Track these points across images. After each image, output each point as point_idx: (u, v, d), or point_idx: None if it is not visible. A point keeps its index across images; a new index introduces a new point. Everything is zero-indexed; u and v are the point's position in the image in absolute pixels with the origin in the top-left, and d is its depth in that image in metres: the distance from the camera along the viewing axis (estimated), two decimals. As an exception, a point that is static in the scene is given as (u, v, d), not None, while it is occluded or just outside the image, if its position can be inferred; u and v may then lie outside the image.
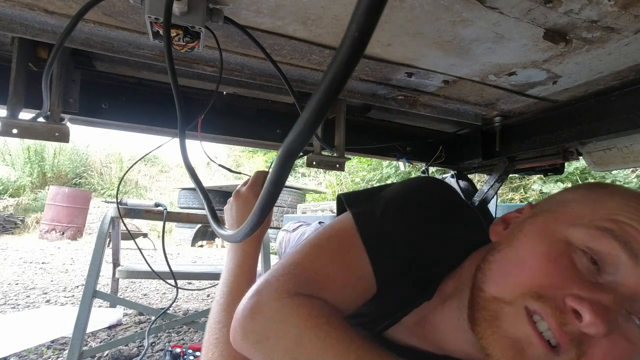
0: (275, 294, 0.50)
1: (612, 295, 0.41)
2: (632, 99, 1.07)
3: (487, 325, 0.47)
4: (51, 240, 7.35)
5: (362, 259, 0.55)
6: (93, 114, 1.17)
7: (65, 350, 1.85)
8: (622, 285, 0.41)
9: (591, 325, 0.39)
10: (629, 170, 5.11)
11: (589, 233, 0.44)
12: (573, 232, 0.45)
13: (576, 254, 0.44)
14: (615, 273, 0.42)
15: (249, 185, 0.85)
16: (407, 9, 0.74)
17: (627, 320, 0.42)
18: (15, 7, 0.79)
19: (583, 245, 0.44)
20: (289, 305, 0.48)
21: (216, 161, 1.15)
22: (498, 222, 0.57)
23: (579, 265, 0.44)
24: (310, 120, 0.23)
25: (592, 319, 0.39)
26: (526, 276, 0.45)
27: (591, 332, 0.40)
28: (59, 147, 11.15)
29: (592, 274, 0.43)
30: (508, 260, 0.49)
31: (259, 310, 0.49)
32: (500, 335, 0.45)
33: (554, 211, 0.50)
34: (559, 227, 0.47)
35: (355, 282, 0.55)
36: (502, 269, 0.49)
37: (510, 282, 0.46)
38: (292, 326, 0.47)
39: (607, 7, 0.70)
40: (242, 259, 0.76)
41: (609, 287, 0.42)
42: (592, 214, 0.46)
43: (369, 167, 8.49)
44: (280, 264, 0.56)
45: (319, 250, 0.57)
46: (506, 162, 1.52)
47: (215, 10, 0.75)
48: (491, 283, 0.48)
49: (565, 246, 0.45)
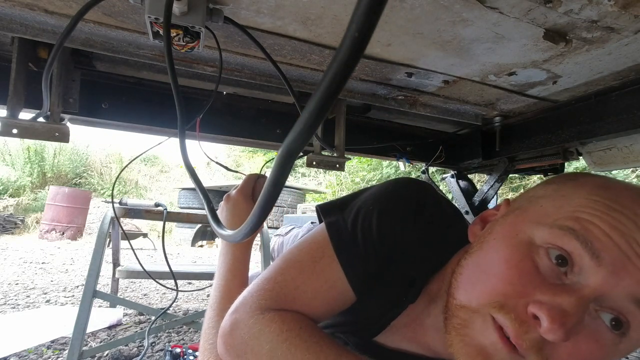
0: (250, 311, 0.54)
1: (574, 297, 0.40)
2: (632, 99, 1.07)
3: (456, 333, 0.47)
4: (51, 240, 7.35)
5: (333, 268, 0.56)
6: (93, 114, 1.17)
7: (65, 350, 1.85)
8: (586, 286, 0.40)
9: (549, 331, 0.39)
10: (629, 170, 5.11)
11: (552, 233, 0.43)
12: (537, 232, 0.44)
13: (539, 256, 0.44)
14: (579, 274, 0.41)
15: (238, 188, 0.86)
16: (407, 9, 0.74)
17: (594, 318, 0.41)
18: (15, 7, 0.79)
19: (547, 245, 0.43)
20: (261, 322, 0.52)
21: (215, 161, 1.15)
22: (477, 221, 0.56)
23: (542, 267, 0.43)
24: (310, 120, 0.23)
25: (549, 324, 0.39)
26: (490, 285, 0.45)
27: (549, 338, 0.39)
28: (59, 147, 11.15)
29: (557, 274, 0.42)
30: (476, 267, 0.48)
31: (236, 327, 0.53)
32: (467, 343, 0.45)
33: (524, 209, 0.50)
34: (524, 227, 0.46)
35: (327, 291, 0.56)
36: (470, 276, 0.48)
37: (477, 291, 0.46)
38: (265, 342, 0.50)
39: (607, 7, 0.70)
40: (233, 263, 0.77)
41: (573, 288, 0.41)
42: (557, 211, 0.45)
43: (369, 167, 8.48)
44: (257, 279, 0.59)
45: (291, 262, 0.58)
46: (506, 162, 1.52)
47: (215, 10, 0.75)
48: (461, 290, 0.49)
49: (529, 248, 0.44)
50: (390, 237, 0.57)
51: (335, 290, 0.56)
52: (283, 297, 0.55)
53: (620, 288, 0.39)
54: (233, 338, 0.53)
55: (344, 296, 0.57)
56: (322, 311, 0.57)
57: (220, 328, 0.56)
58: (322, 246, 0.58)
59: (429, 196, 0.62)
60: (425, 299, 0.58)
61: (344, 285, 0.56)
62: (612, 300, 0.40)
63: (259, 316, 0.52)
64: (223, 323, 0.56)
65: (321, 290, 0.56)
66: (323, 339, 0.51)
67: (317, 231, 0.61)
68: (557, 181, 0.50)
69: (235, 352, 0.53)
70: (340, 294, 0.56)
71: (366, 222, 0.57)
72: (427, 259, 0.58)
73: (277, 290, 0.56)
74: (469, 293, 0.47)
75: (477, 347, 0.44)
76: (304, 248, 0.60)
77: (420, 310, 0.58)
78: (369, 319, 0.60)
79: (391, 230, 0.57)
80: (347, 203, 0.62)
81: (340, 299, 0.57)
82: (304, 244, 0.60)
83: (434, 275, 0.59)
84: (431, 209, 0.60)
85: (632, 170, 5.07)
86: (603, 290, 0.40)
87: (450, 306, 0.49)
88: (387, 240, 0.57)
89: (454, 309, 0.48)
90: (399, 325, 0.59)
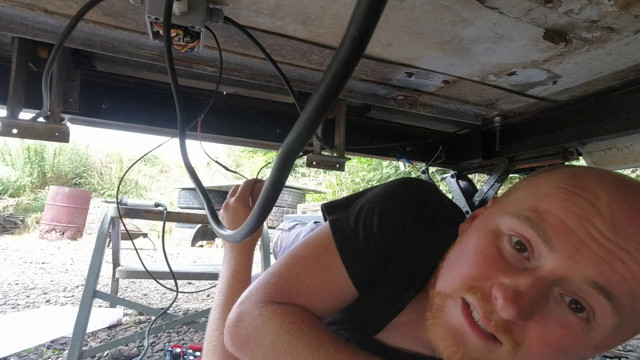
0: (254, 304, 0.56)
1: (530, 278, 0.42)
2: (632, 99, 1.07)
3: (432, 317, 0.49)
4: (51, 240, 7.35)
5: (336, 264, 0.57)
6: (93, 114, 1.17)
7: (65, 350, 1.85)
8: (543, 269, 0.42)
9: (502, 309, 0.41)
10: (629, 170, 5.11)
11: (513, 222, 0.45)
12: (503, 221, 0.47)
13: (502, 242, 0.46)
14: (539, 259, 0.43)
15: (236, 196, 0.86)
16: (407, 9, 0.74)
17: (559, 303, 0.42)
18: (15, 7, 0.79)
19: (510, 233, 0.45)
20: (265, 314, 0.54)
21: (215, 160, 1.15)
22: (468, 219, 0.57)
23: (506, 253, 0.45)
24: (310, 120, 0.23)
25: (503, 302, 0.41)
26: (461, 269, 0.48)
27: (503, 315, 0.41)
28: (59, 147, 11.15)
29: (520, 260, 0.44)
30: (453, 257, 0.51)
31: (241, 318, 0.56)
32: (440, 326, 0.48)
33: (500, 202, 0.52)
34: (494, 218, 0.49)
35: (329, 286, 0.57)
36: (448, 265, 0.51)
37: (450, 277, 0.49)
38: (268, 333, 0.52)
39: (607, 7, 0.70)
40: (236, 267, 0.79)
41: (532, 271, 0.43)
42: (523, 202, 0.47)
43: (369, 167, 8.49)
44: (263, 274, 0.61)
45: (295, 259, 0.60)
46: (506, 162, 1.52)
47: (215, 10, 0.75)
48: (440, 279, 0.51)
49: (495, 235, 0.47)
50: (392, 234, 0.58)
51: (337, 286, 0.57)
52: (287, 291, 0.57)
53: (577, 271, 0.40)
54: (238, 329, 0.55)
55: (346, 292, 0.58)
56: (325, 306, 0.58)
57: (227, 320, 0.58)
58: (325, 243, 0.59)
59: (431, 195, 0.63)
60: (425, 296, 0.58)
61: (346, 281, 0.57)
62: (572, 283, 0.41)
63: (262, 308, 0.54)
64: (229, 315, 0.58)
65: (324, 285, 0.57)
66: (324, 332, 0.52)
67: (322, 229, 0.62)
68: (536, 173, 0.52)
69: (240, 343, 0.55)
70: (342, 290, 0.58)
71: (368, 220, 0.58)
72: (428, 256, 0.59)
73: (281, 284, 0.57)
74: (444, 280, 0.50)
75: (450, 329, 0.47)
76: (309, 245, 0.61)
77: (421, 309, 0.58)
78: (370, 316, 0.61)
79: (392, 228, 0.58)
80: (351, 201, 0.63)
81: (342, 295, 0.58)
82: (309, 241, 0.62)
83: (433, 274, 0.59)
84: (433, 208, 0.61)
85: (632, 170, 5.07)
86: (559, 274, 0.41)
87: (430, 296, 0.52)
88: (389, 237, 0.58)
89: (432, 297, 0.51)
90: (400, 324, 0.60)
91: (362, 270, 0.57)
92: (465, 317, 0.45)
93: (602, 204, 0.41)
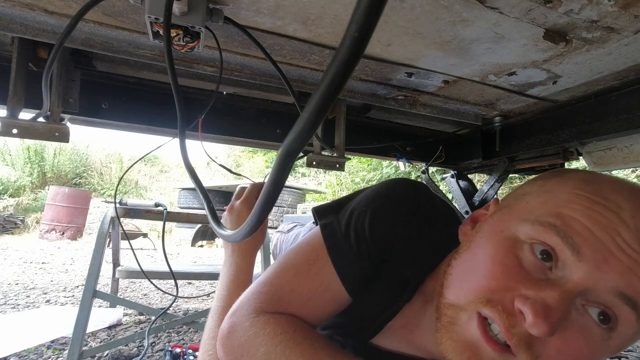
0: (246, 314, 0.54)
1: (557, 291, 0.40)
2: (632, 99, 1.07)
3: (445, 331, 0.47)
4: (51, 240, 7.35)
5: (327, 270, 0.56)
6: (93, 114, 1.17)
7: (65, 350, 1.85)
8: (570, 281, 0.40)
9: (533, 325, 0.39)
10: (629, 170, 5.11)
11: (535, 229, 0.43)
12: (521, 228, 0.45)
13: (522, 251, 0.44)
14: (563, 269, 0.41)
15: (242, 199, 0.84)
16: (407, 9, 0.74)
17: (581, 313, 0.41)
18: (15, 7, 0.79)
19: (531, 241, 0.43)
20: (257, 325, 0.53)
21: (216, 161, 1.15)
22: (467, 221, 0.56)
23: (526, 263, 0.43)
24: (310, 120, 0.23)
25: (534, 319, 0.39)
26: (477, 282, 0.45)
27: (534, 332, 0.39)
28: (59, 147, 11.15)
29: (541, 269, 0.43)
30: (464, 265, 0.49)
31: (233, 330, 0.54)
32: (454, 340, 0.46)
33: (511, 206, 0.50)
34: (509, 224, 0.47)
35: (322, 293, 0.56)
36: (459, 275, 0.49)
37: (464, 288, 0.47)
38: (260, 344, 0.51)
39: (607, 7, 0.70)
40: (236, 273, 0.77)
41: (557, 283, 0.41)
42: (541, 207, 0.45)
43: (369, 167, 8.48)
44: (254, 283, 0.59)
45: (287, 266, 0.59)
46: (506, 162, 1.52)
47: (215, 10, 0.75)
48: (450, 289, 0.49)
49: (513, 244, 0.45)
50: (383, 237, 0.57)
51: (330, 292, 0.56)
52: (279, 300, 0.56)
53: (605, 282, 0.39)
54: (230, 341, 0.54)
55: (339, 298, 0.57)
56: (318, 313, 0.57)
57: (219, 331, 0.57)
58: (316, 248, 0.58)
59: (423, 196, 0.61)
60: (420, 299, 0.58)
61: (339, 287, 0.56)
62: (597, 294, 0.40)
63: (254, 319, 0.53)
64: (222, 326, 0.57)
65: (316, 292, 0.56)
66: (317, 341, 0.51)
67: (313, 234, 0.61)
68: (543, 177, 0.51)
69: (233, 355, 0.54)
70: (336, 296, 0.56)
71: (359, 223, 0.57)
72: (421, 258, 0.58)
73: (272, 293, 0.56)
74: (457, 291, 0.48)
75: (465, 343, 0.45)
76: (300, 251, 0.60)
77: (416, 311, 0.58)
78: (365, 320, 0.60)
79: (384, 230, 0.57)
80: (341, 205, 0.62)
81: (335, 301, 0.57)
82: (300, 247, 0.61)
83: (428, 275, 0.59)
84: (425, 209, 0.60)
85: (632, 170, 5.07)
86: (587, 285, 0.40)
87: (440, 305, 0.50)
88: (380, 240, 0.57)
89: (443, 308, 0.49)
90: (395, 327, 0.59)
91: (354, 275, 0.56)
92: (482, 332, 0.43)
93: (627, 215, 0.40)
